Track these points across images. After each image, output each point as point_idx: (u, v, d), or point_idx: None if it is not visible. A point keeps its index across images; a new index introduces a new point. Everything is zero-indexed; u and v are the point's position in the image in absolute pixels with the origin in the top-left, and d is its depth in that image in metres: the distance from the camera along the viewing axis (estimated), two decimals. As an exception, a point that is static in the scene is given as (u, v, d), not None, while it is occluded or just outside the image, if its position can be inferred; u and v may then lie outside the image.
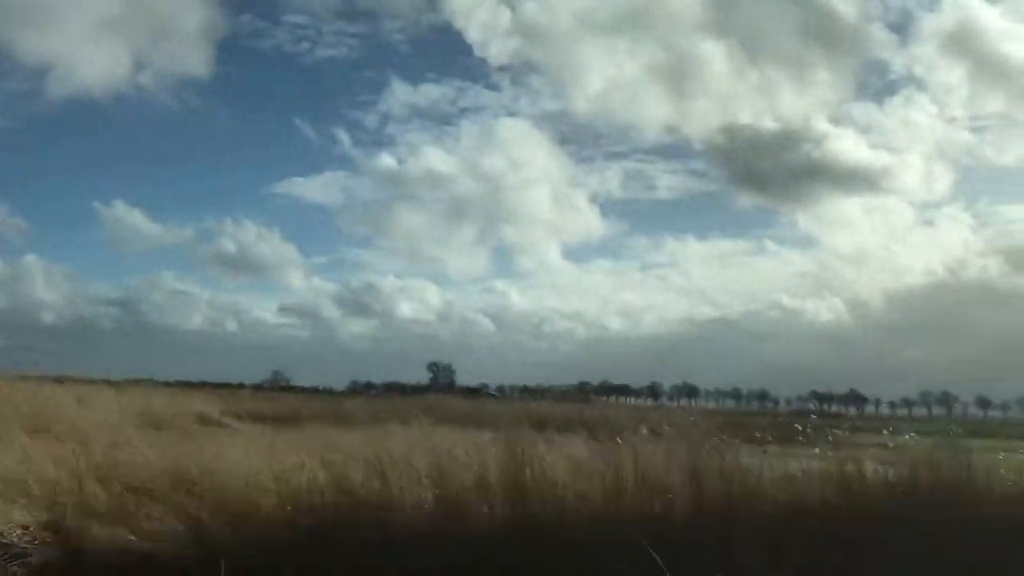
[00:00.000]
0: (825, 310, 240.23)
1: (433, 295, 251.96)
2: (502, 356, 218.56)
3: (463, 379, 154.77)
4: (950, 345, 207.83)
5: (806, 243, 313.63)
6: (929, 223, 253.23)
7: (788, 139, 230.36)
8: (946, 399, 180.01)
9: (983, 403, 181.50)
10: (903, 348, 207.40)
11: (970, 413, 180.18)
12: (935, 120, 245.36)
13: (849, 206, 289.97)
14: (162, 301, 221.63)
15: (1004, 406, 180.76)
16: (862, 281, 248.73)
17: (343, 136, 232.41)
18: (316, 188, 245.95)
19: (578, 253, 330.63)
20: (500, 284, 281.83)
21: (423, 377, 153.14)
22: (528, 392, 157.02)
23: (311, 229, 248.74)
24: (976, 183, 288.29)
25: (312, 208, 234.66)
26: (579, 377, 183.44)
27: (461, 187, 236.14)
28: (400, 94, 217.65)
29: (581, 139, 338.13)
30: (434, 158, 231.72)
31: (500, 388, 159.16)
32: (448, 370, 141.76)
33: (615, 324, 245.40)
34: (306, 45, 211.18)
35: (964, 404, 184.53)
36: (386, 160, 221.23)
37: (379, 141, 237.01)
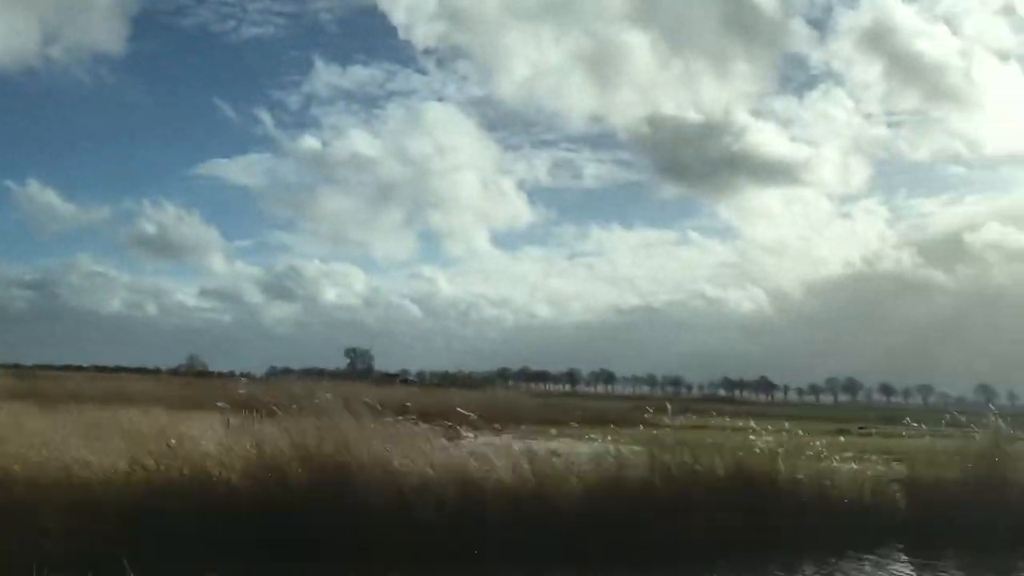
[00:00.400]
0: (747, 300, 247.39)
1: (359, 280, 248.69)
2: (429, 342, 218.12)
3: (384, 365, 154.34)
4: (864, 334, 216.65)
5: (728, 234, 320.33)
6: (846, 216, 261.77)
7: (711, 131, 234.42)
8: (851, 386, 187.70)
9: (886, 390, 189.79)
10: (820, 337, 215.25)
11: (874, 400, 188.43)
12: (852, 115, 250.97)
13: (769, 198, 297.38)
14: (79, 284, 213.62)
15: (906, 392, 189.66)
16: (782, 272, 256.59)
17: (265, 117, 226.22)
18: (238, 170, 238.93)
19: (506, 240, 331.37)
20: (427, 270, 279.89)
21: (344, 362, 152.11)
22: (448, 378, 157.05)
23: (233, 211, 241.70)
24: (891, 177, 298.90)
25: (234, 190, 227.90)
26: (508, 363, 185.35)
27: (387, 171, 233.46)
28: (326, 75, 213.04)
29: (508, 125, 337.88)
30: (360, 141, 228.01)
31: (420, 374, 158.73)
32: (366, 355, 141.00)
33: (543, 311, 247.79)
34: (231, 23, 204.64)
35: (868, 390, 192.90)
36: (310, 142, 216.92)
37: (303, 123, 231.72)
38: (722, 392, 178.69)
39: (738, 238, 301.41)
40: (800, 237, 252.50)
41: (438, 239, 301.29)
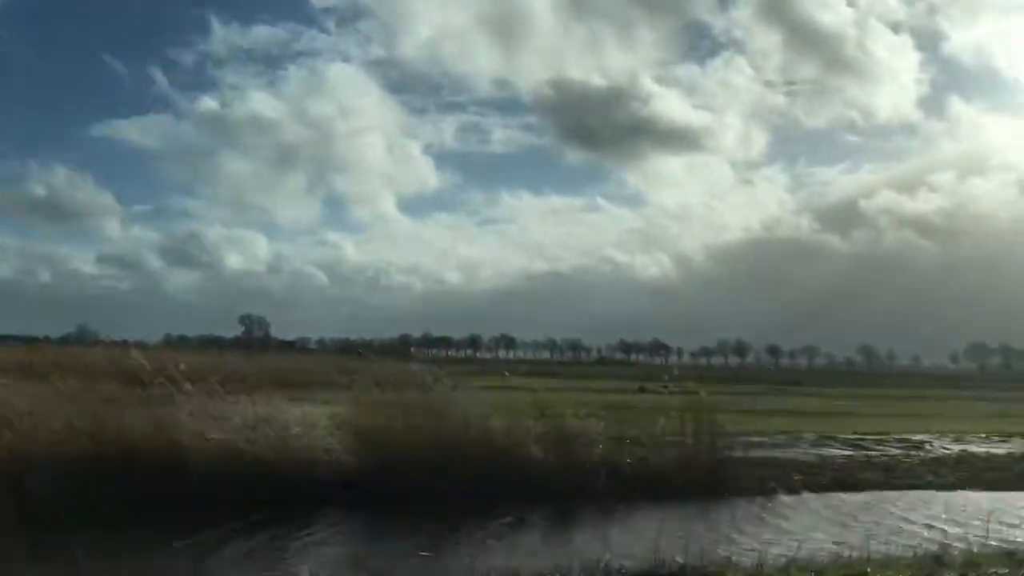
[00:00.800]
0: (652, 265, 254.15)
1: (262, 246, 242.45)
2: (336, 310, 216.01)
3: (290, 333, 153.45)
4: (764, 298, 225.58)
5: (635, 200, 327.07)
6: (748, 182, 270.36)
7: (616, 97, 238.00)
8: (740, 348, 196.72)
9: (774, 351, 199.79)
10: (721, 300, 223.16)
11: (763, 360, 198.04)
12: (753, 83, 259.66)
13: (674, 164, 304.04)
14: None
15: (791, 354, 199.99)
16: (686, 237, 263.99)
17: (160, 76, 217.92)
18: (135, 131, 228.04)
19: (414, 206, 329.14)
20: (334, 236, 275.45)
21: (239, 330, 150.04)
22: (348, 346, 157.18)
23: (129, 175, 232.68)
24: (790, 144, 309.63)
25: (131, 153, 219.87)
26: (420, 330, 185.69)
27: (289, 134, 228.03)
28: (224, 34, 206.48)
29: (413, 88, 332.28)
30: (261, 102, 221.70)
31: (320, 341, 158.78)
32: (262, 323, 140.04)
33: (453, 278, 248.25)
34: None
35: (757, 352, 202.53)
36: (209, 103, 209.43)
37: (201, 83, 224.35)
38: (619, 355, 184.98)
39: (645, 204, 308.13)
40: (704, 203, 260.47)
41: (344, 204, 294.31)
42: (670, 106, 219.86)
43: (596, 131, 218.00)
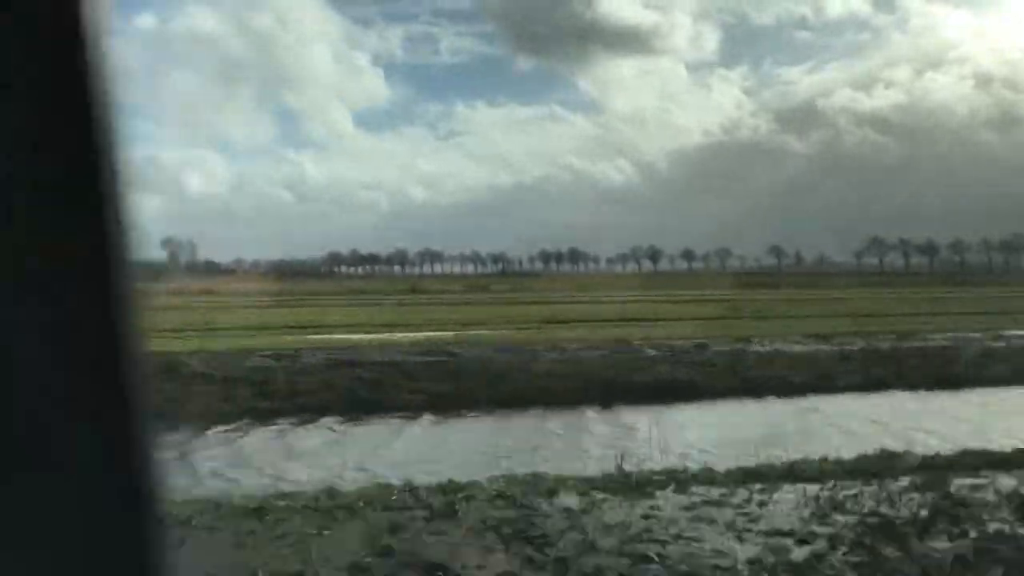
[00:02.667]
0: (613, 171, 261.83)
1: (220, 166, 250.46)
2: (302, 228, 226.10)
3: (222, 256, 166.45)
4: (718, 201, 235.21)
5: (591, 107, 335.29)
6: (703, 85, 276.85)
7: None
8: (653, 253, 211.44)
9: (688, 256, 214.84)
10: (678, 205, 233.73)
11: (677, 265, 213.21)
12: None
13: (626, 68, 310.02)
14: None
15: (706, 257, 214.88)
16: (643, 142, 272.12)
17: None
18: None
19: (370, 120, 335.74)
20: (292, 154, 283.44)
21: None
22: (281, 267, 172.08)
23: None
24: (742, 44, 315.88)
25: None
26: (386, 246, 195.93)
27: (231, 48, 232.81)
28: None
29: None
30: (198, 17, 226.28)
31: (256, 263, 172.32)
32: (188, 247, 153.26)
33: (418, 193, 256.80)
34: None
35: (671, 257, 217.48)
36: (144, 19, 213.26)
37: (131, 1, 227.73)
38: (539, 265, 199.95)
39: (601, 111, 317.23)
40: (660, 107, 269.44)
41: (297, 120, 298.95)
42: (617, 6, 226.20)
43: (545, 36, 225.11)
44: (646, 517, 7.90)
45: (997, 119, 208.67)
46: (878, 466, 10.08)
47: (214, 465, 12.78)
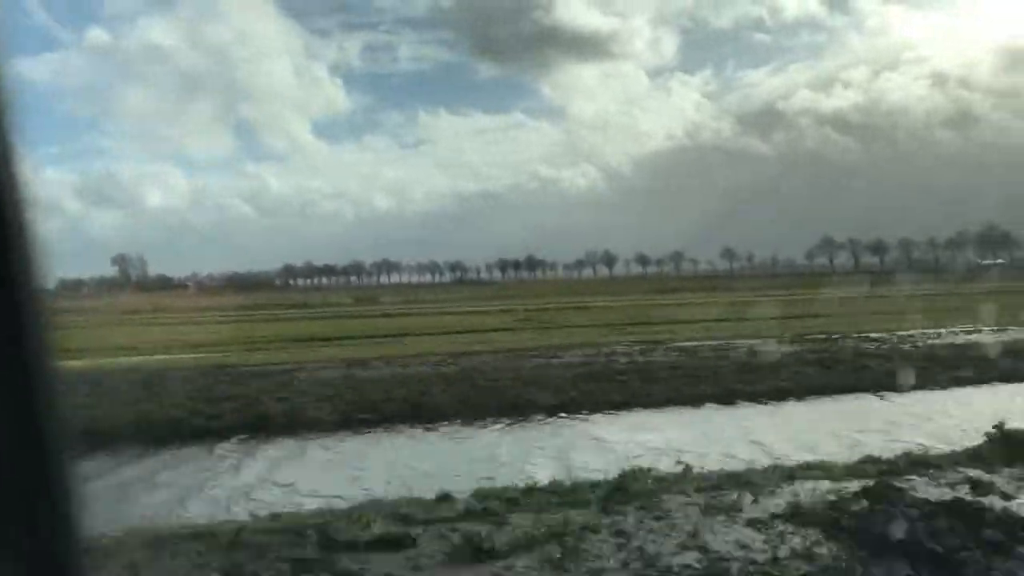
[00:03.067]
0: (580, 177, 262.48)
1: (180, 181, 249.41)
2: (266, 241, 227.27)
3: (174, 271, 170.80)
4: (683, 205, 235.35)
5: (554, 114, 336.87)
6: (664, 89, 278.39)
7: (520, 5, 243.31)
8: (608, 258, 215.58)
9: (642, 260, 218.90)
10: (646, 211, 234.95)
11: (632, 269, 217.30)
12: None
13: (587, 74, 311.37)
14: None
15: (660, 261, 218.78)
16: (608, 147, 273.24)
17: (36, 7, 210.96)
18: (24, 69, 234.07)
19: (330, 130, 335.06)
20: (252, 167, 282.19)
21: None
22: (235, 280, 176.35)
23: (31, 115, 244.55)
24: (701, 47, 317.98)
25: (25, 92, 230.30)
26: (353, 257, 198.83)
27: (188, 62, 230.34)
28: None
29: (314, 9, 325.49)
30: (153, 30, 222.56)
31: (211, 276, 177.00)
32: (138, 262, 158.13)
33: (384, 202, 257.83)
34: None
35: (627, 261, 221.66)
36: (98, 35, 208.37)
37: (84, 14, 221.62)
38: (497, 273, 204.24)
39: (565, 117, 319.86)
40: (623, 112, 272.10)
41: (256, 133, 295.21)
42: (577, 13, 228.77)
43: (505, 43, 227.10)
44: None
45: (955, 118, 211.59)
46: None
47: None
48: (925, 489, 9.72)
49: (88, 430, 14.20)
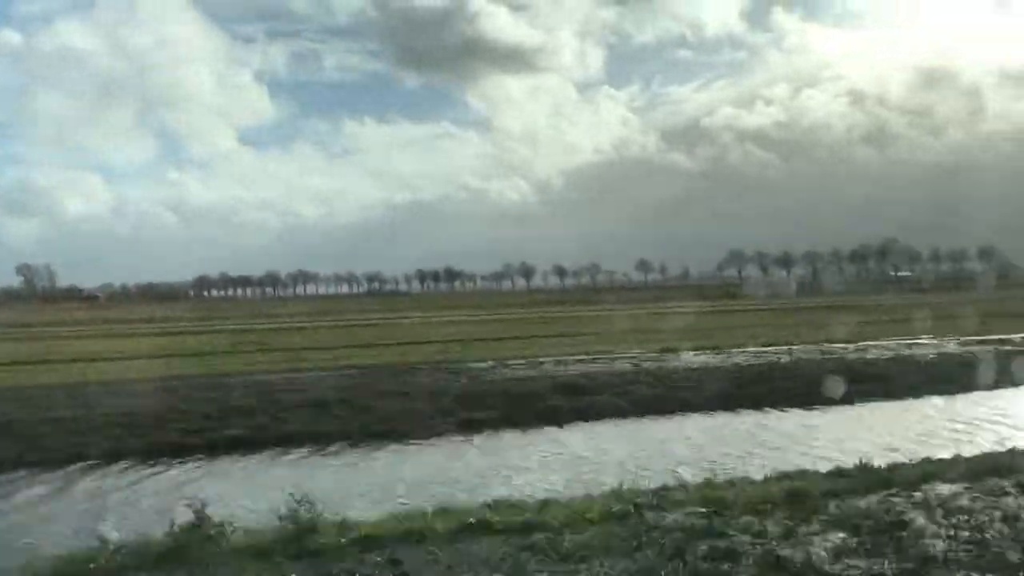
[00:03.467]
0: (509, 189, 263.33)
1: (100, 188, 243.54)
2: (187, 250, 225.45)
3: (84, 281, 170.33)
4: (609, 218, 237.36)
5: (483, 125, 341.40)
6: (590, 102, 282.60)
7: (444, 16, 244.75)
8: (525, 270, 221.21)
9: (560, 272, 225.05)
10: (573, 223, 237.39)
11: (550, 281, 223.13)
12: None
13: (513, 86, 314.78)
14: None
15: (577, 273, 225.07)
16: (536, 160, 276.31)
17: None
18: None
19: (255, 138, 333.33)
20: (175, 174, 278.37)
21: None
22: (149, 290, 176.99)
23: None
24: (625, 62, 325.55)
25: None
26: (276, 267, 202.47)
27: (109, 67, 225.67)
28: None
29: (239, 17, 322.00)
30: (71, 33, 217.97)
31: (124, 287, 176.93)
32: (46, 272, 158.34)
33: (310, 211, 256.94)
34: None
35: (544, 273, 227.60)
36: (10, 36, 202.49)
37: None
38: (416, 285, 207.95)
39: (493, 129, 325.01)
40: (551, 125, 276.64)
41: (179, 140, 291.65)
42: (501, 24, 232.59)
43: (430, 53, 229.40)
44: None
45: (873, 134, 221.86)
46: None
47: None
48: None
49: None
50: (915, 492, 10.93)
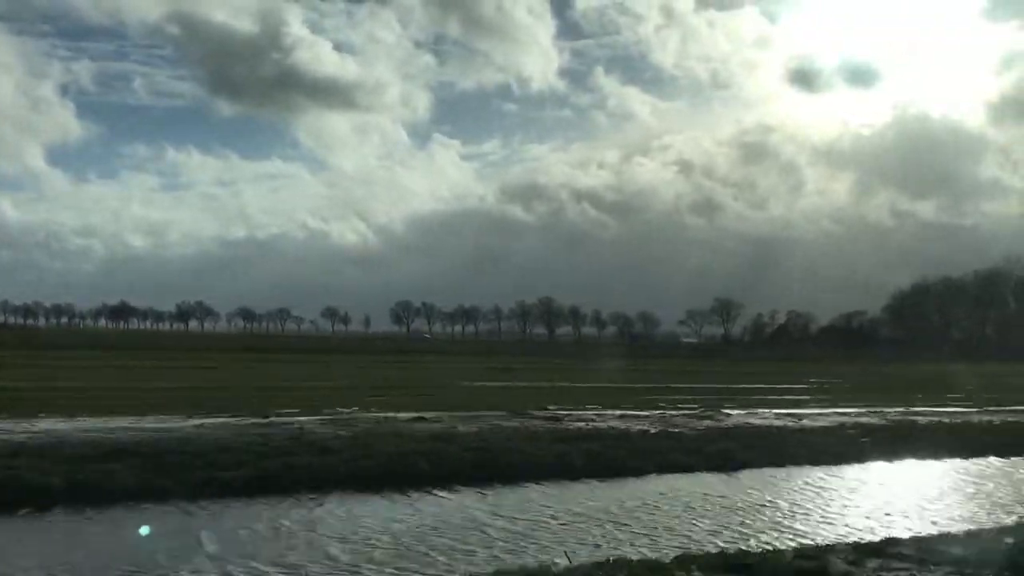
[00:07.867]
0: (350, 232, 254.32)
1: None
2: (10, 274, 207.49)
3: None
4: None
5: (314, 163, 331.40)
6: (424, 149, 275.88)
7: (260, 44, 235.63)
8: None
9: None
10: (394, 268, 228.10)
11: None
12: (401, 39, 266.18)
13: (339, 123, 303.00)
14: None
15: (266, 316, 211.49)
16: (379, 204, 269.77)
17: None
18: None
19: (67, 160, 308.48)
20: None
21: None
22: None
23: None
24: (451, 108, 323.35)
25: None
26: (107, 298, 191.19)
27: None
28: None
29: (41, 31, 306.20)
30: None
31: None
32: None
33: (139, 242, 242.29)
34: None
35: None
36: None
37: None
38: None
39: (326, 168, 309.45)
40: (385, 168, 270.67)
41: None
42: (314, 56, 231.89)
43: (246, 82, 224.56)
44: None
45: (700, 203, 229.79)
46: None
47: None
48: None
49: None
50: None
